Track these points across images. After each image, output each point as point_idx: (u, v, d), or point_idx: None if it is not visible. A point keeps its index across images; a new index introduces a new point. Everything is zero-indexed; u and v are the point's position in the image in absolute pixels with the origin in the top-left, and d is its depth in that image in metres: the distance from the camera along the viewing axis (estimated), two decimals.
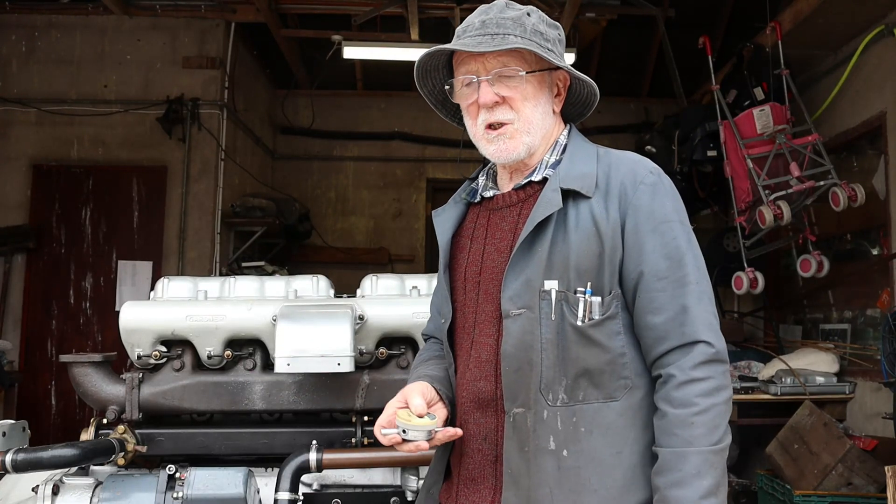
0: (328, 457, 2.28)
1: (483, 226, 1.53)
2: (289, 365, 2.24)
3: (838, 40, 5.30)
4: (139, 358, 2.47)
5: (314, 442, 2.30)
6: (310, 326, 2.27)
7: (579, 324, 1.36)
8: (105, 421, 2.42)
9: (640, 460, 1.35)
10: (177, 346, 2.49)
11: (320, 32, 6.46)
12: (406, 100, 7.67)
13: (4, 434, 2.41)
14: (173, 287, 2.61)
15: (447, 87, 1.52)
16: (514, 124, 1.45)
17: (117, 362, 2.56)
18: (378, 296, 2.61)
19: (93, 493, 2.26)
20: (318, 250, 7.70)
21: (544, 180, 1.47)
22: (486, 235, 1.51)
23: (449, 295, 1.53)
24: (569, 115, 1.58)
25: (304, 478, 2.33)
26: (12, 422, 2.49)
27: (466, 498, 1.46)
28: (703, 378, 1.31)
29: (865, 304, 5.23)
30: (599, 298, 1.37)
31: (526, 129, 1.46)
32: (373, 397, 2.45)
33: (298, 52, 7.15)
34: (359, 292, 2.66)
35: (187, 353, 2.48)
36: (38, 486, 2.25)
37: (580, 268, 1.37)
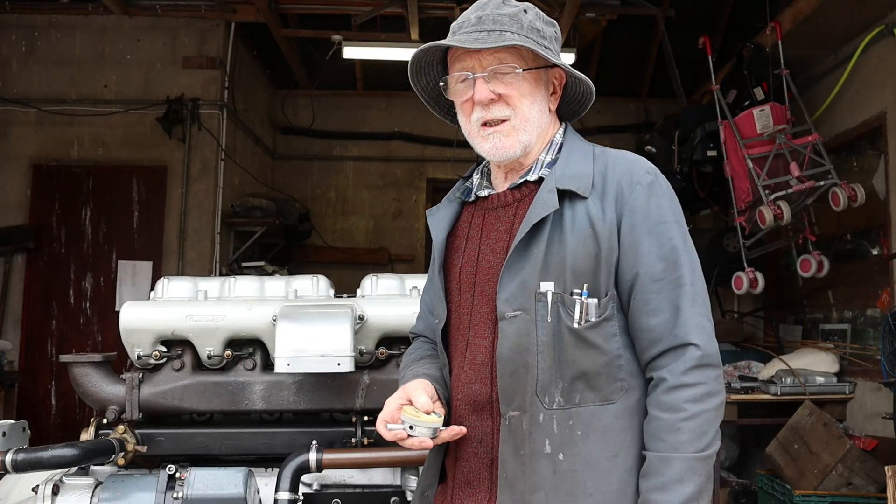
0: (328, 457, 2.28)
1: (478, 226, 1.51)
2: (289, 365, 2.24)
3: (838, 40, 5.29)
4: (139, 358, 2.47)
5: (314, 442, 2.30)
6: (310, 326, 2.27)
7: (576, 326, 1.34)
8: (105, 421, 2.41)
9: (636, 464, 1.34)
10: (177, 346, 2.48)
11: (320, 32, 6.46)
12: (406, 100, 7.66)
13: (4, 434, 2.41)
14: (173, 287, 2.61)
15: (441, 83, 1.49)
16: (511, 122, 1.43)
17: (117, 362, 2.55)
18: (378, 296, 2.60)
19: (93, 493, 2.25)
20: (318, 250, 7.70)
21: (540, 180, 1.45)
22: (481, 236, 1.49)
23: (443, 295, 1.51)
24: (564, 113, 1.56)
25: (304, 478, 2.33)
26: (12, 422, 2.48)
27: (461, 501, 1.45)
28: (694, 383, 1.30)
29: (865, 304, 5.22)
30: (596, 300, 1.35)
31: (522, 126, 1.43)
32: (373, 397, 2.45)
33: (298, 52, 7.15)
34: (359, 292, 2.65)
35: (187, 353, 2.48)
36: (38, 486, 2.24)
37: (576, 269, 1.35)
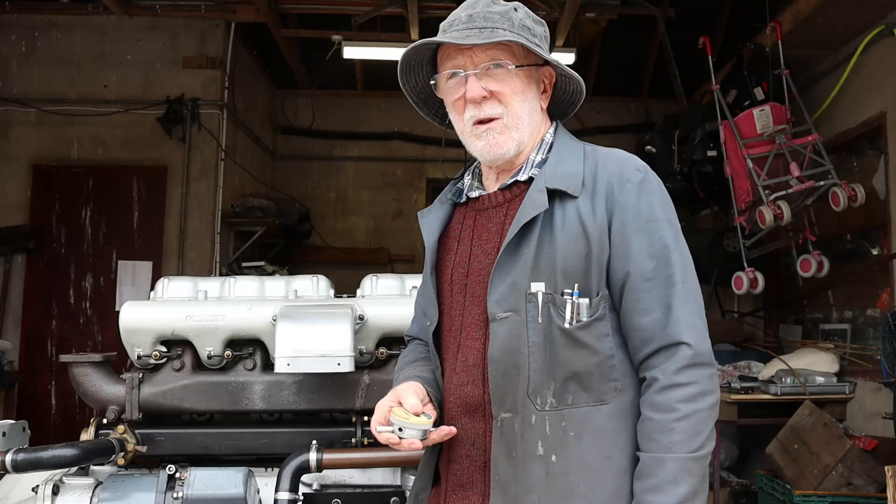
0: (328, 457, 2.28)
1: (469, 227, 1.50)
2: (289, 365, 2.24)
3: (838, 40, 5.30)
4: (139, 358, 2.47)
5: (314, 442, 2.30)
6: (310, 326, 2.27)
7: (567, 326, 1.33)
8: (105, 421, 2.41)
9: (630, 465, 1.32)
10: (177, 346, 2.48)
11: (320, 32, 6.46)
12: (406, 100, 7.55)
13: (4, 434, 2.41)
14: (173, 287, 2.61)
15: (432, 81, 1.48)
16: (503, 119, 1.41)
17: (117, 362, 2.55)
18: (378, 296, 2.60)
19: (93, 493, 2.25)
20: (318, 250, 7.70)
21: (530, 180, 1.43)
22: (472, 237, 1.48)
23: (435, 297, 1.50)
24: (553, 113, 1.55)
25: (304, 478, 2.33)
26: (12, 422, 2.48)
27: None
28: (686, 383, 1.28)
29: (865, 304, 5.23)
30: (587, 300, 1.34)
31: (515, 124, 1.42)
32: (373, 397, 2.44)
33: (298, 52, 7.15)
34: (359, 292, 2.65)
35: (187, 353, 2.48)
36: (38, 486, 2.24)
37: (567, 269, 1.34)
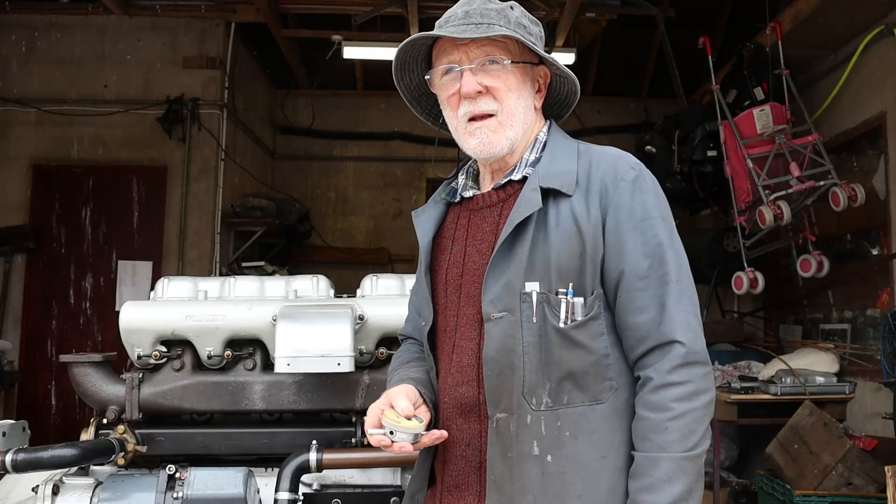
0: (328, 457, 2.28)
1: (464, 226, 1.49)
2: (289, 365, 2.23)
3: (838, 40, 5.30)
4: (139, 358, 2.47)
5: (314, 442, 2.29)
6: (310, 326, 2.27)
7: (562, 326, 1.33)
8: (105, 421, 2.41)
9: (626, 464, 1.32)
10: (177, 346, 2.48)
11: (320, 32, 6.46)
12: None
13: (4, 434, 2.40)
14: (173, 287, 2.61)
15: (427, 76, 1.48)
16: (498, 116, 1.41)
17: (117, 362, 2.55)
18: (378, 296, 2.60)
19: (93, 493, 2.25)
20: (318, 250, 7.70)
21: (524, 179, 1.43)
22: (466, 236, 1.48)
23: (430, 297, 1.50)
24: (548, 114, 1.55)
25: (304, 478, 2.33)
26: (12, 422, 2.48)
27: None
28: (680, 382, 1.28)
29: (865, 304, 5.23)
30: (582, 299, 1.33)
31: (509, 121, 1.41)
32: (373, 397, 2.41)
33: (298, 52, 7.15)
34: (359, 292, 2.65)
35: (187, 353, 2.47)
36: (38, 486, 2.24)
37: (561, 268, 1.33)
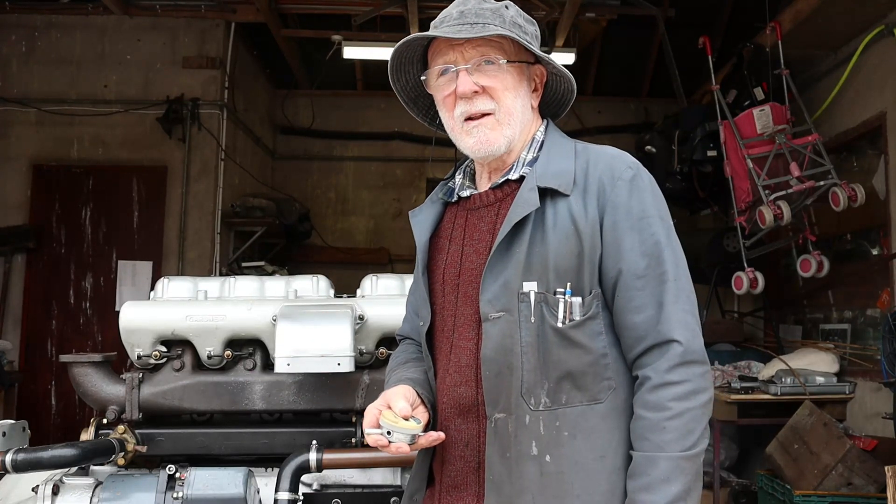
0: (328, 457, 2.28)
1: (461, 226, 1.49)
2: (289, 365, 2.23)
3: (838, 40, 5.30)
4: (139, 358, 2.47)
5: (314, 442, 2.29)
6: (310, 326, 2.27)
7: (560, 325, 1.32)
8: (105, 421, 2.41)
9: (624, 464, 1.32)
10: (177, 346, 2.48)
11: (320, 32, 6.46)
12: None
13: (4, 434, 2.41)
14: (173, 287, 2.61)
15: (423, 77, 1.47)
16: (495, 115, 1.40)
17: (117, 362, 2.55)
18: (378, 296, 2.60)
19: (93, 493, 2.25)
20: (318, 250, 7.70)
21: (522, 178, 1.42)
22: (464, 236, 1.47)
23: (427, 297, 1.49)
24: (544, 114, 1.54)
25: (304, 478, 2.33)
26: (12, 422, 2.48)
27: None
28: (678, 381, 1.28)
29: (865, 304, 5.23)
30: (580, 299, 1.33)
31: (506, 120, 1.41)
32: (373, 397, 2.40)
33: (298, 52, 7.15)
34: (359, 292, 2.65)
35: (187, 353, 2.48)
36: (38, 486, 2.24)
37: (559, 268, 1.33)
